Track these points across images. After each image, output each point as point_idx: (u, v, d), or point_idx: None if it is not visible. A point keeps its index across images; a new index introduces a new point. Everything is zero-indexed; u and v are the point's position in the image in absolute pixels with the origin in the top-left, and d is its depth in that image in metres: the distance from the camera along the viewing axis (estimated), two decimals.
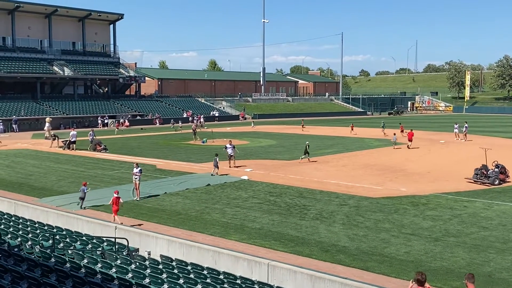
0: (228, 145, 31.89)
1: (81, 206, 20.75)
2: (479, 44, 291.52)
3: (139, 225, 18.04)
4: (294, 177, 27.92)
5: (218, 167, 28.46)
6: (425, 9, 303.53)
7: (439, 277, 13.17)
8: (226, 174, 28.60)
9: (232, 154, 31.43)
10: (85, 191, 20.84)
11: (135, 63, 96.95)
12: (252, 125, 67.45)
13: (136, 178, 22.52)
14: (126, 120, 69.30)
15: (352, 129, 56.12)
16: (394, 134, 42.78)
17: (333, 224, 18.21)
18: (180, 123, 65.18)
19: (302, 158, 33.70)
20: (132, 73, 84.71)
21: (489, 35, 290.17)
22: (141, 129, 64.20)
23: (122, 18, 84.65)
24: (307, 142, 34.99)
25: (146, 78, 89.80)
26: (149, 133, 57.84)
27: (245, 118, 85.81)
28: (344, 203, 21.45)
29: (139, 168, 22.82)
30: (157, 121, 72.40)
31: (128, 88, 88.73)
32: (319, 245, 15.85)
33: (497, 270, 13.56)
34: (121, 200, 18.74)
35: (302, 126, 61.16)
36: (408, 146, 41.04)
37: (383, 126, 54.54)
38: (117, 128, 61.72)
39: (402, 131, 49.25)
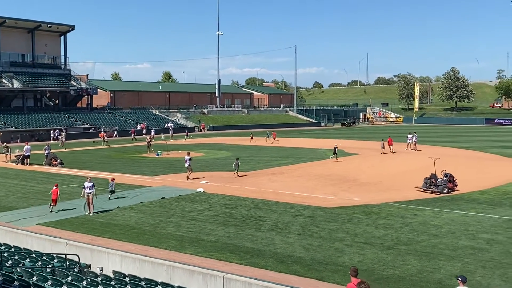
0: (186, 157, 31.80)
1: (109, 197, 25.01)
2: (427, 57, 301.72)
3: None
4: (250, 188, 27.97)
5: (238, 170, 32.21)
6: (376, 24, 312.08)
7: (391, 285, 13.43)
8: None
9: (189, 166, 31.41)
10: (113, 186, 25.16)
11: (87, 75, 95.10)
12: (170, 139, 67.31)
13: (89, 193, 22.03)
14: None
15: (252, 139, 61.40)
16: (382, 140, 47.50)
17: (288, 235, 18.32)
18: (105, 138, 59.92)
19: (331, 157, 40.41)
20: (83, 85, 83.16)
21: (436, 48, 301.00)
22: (93, 142, 62.84)
23: (73, 29, 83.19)
24: (336, 144, 42.33)
25: (98, 90, 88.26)
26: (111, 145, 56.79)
27: (201, 130, 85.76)
28: (299, 214, 21.63)
29: (92, 183, 22.37)
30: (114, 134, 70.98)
31: (79, 100, 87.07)
32: (275, 256, 15.90)
33: (446, 277, 13.93)
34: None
35: (186, 135, 68.73)
36: (391, 151, 46.61)
37: (267, 135, 62.09)
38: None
39: (274, 137, 61.15)
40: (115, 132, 71.67)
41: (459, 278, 10.74)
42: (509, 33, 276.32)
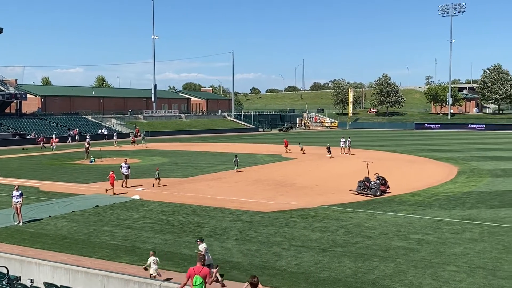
0: (123, 164, 31.04)
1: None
2: (360, 63, 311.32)
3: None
4: (187, 194, 27.69)
5: (237, 166, 36.69)
6: (311, 31, 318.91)
7: (327, 287, 13.66)
8: (125, 192, 27.73)
9: (127, 173, 30.67)
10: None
11: (16, 80, 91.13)
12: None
13: (17, 202, 21.06)
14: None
15: (133, 143, 66.44)
16: (328, 144, 49.32)
17: (226, 241, 18.26)
18: None
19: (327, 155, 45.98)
20: (12, 90, 79.93)
21: (369, 55, 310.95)
22: (23, 149, 60.32)
23: (1, 32, 79.76)
24: (328, 144, 47.99)
25: (28, 95, 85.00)
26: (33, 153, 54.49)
27: (136, 136, 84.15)
28: (238, 219, 21.62)
29: (20, 191, 21.40)
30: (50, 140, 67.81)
31: (8, 106, 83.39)
32: (213, 262, 15.75)
33: (380, 277, 14.32)
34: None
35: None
36: (287, 151, 52.62)
37: (143, 140, 67.10)
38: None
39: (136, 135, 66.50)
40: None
41: (198, 240, 14.23)
42: (437, 41, 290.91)
